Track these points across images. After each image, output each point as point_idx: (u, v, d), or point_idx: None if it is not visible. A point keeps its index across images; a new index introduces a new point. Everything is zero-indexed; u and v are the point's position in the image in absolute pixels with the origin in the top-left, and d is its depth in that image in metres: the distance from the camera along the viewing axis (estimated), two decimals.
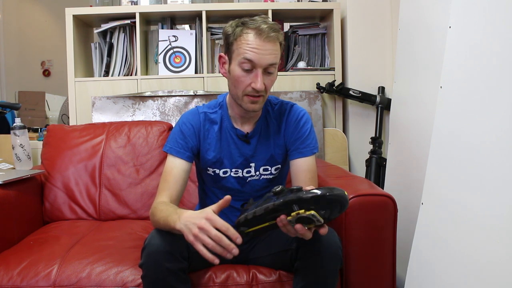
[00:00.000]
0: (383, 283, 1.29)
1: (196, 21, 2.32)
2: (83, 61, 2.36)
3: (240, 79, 1.19)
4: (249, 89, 1.19)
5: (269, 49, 1.16)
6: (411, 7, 1.71)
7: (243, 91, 1.20)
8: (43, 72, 5.41)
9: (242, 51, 1.17)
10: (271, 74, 1.20)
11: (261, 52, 1.15)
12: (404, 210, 1.48)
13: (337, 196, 0.93)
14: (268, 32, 1.15)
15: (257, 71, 1.17)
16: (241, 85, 1.19)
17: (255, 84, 1.17)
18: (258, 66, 1.16)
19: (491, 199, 1.15)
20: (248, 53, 1.16)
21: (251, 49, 1.15)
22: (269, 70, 1.18)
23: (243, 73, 1.18)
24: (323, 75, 2.29)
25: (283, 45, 1.22)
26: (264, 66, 1.17)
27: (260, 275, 1.25)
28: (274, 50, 1.17)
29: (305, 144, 1.29)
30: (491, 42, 1.19)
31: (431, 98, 1.40)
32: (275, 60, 1.18)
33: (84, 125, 1.94)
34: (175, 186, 1.22)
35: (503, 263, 1.10)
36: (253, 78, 1.18)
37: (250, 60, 1.16)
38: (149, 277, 1.08)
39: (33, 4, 5.37)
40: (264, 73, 1.18)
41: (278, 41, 1.18)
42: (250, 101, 1.20)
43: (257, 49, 1.15)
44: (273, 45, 1.17)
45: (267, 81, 1.19)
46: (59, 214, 1.73)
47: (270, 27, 1.16)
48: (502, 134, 1.13)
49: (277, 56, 1.19)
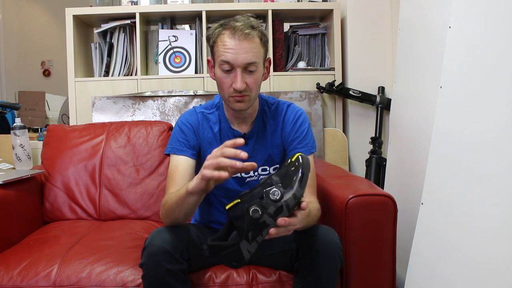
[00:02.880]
0: (383, 283, 1.29)
1: (196, 21, 2.32)
2: (83, 61, 2.36)
3: (222, 81, 1.19)
4: (231, 90, 1.18)
5: (245, 47, 1.14)
6: (411, 7, 1.71)
7: (227, 92, 1.20)
8: (43, 72, 5.41)
9: (220, 53, 1.17)
10: (252, 72, 1.18)
11: (236, 52, 1.14)
12: (404, 210, 1.48)
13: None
14: (243, 29, 1.14)
15: (236, 71, 1.16)
16: (224, 87, 1.19)
17: (235, 84, 1.16)
18: (236, 66, 1.15)
19: (491, 199, 1.15)
20: (224, 55, 1.15)
21: (226, 50, 1.15)
22: (249, 68, 1.17)
23: (224, 74, 1.18)
24: (323, 75, 2.29)
25: (265, 40, 1.20)
26: (243, 66, 1.16)
27: (260, 275, 1.25)
28: (251, 48, 1.15)
29: (303, 144, 1.29)
30: (491, 42, 1.19)
31: (431, 98, 1.40)
32: (254, 59, 1.16)
33: (84, 125, 1.94)
34: (182, 181, 1.20)
35: (503, 263, 1.10)
36: (233, 79, 1.17)
37: (227, 61, 1.15)
38: (149, 277, 1.09)
39: (33, 4, 5.37)
40: (244, 72, 1.17)
41: (256, 38, 1.16)
42: (235, 100, 1.20)
43: (233, 49, 1.14)
44: (249, 43, 1.15)
45: (249, 80, 1.18)
46: (59, 214, 1.73)
47: (245, 24, 1.15)
48: (502, 134, 1.13)
49: (257, 54, 1.17)
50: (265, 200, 0.95)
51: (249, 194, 0.97)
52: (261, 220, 0.95)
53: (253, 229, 0.96)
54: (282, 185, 0.96)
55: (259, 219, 0.95)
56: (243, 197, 0.97)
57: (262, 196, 0.95)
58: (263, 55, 1.21)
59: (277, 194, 0.95)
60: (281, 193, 0.95)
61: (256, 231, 0.96)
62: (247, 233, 0.95)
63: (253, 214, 0.94)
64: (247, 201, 0.96)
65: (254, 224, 0.95)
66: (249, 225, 0.95)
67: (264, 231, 0.96)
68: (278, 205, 0.95)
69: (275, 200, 0.94)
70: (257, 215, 0.94)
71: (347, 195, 1.26)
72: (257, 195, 0.96)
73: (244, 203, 0.96)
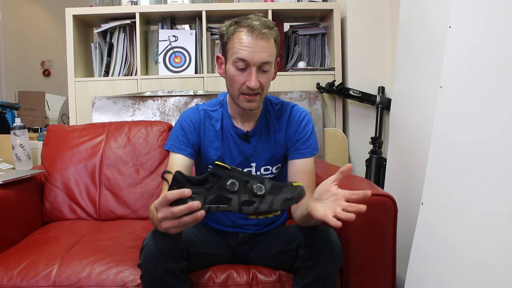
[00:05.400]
0: (383, 283, 1.29)
1: (196, 21, 2.32)
2: (83, 61, 2.36)
3: (235, 78, 1.19)
4: (244, 88, 1.19)
5: (262, 46, 1.15)
6: (411, 7, 1.71)
7: (239, 90, 1.20)
8: (43, 72, 5.41)
9: (236, 50, 1.17)
10: (266, 72, 1.19)
11: (253, 50, 1.15)
12: (404, 210, 1.48)
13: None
14: (260, 29, 1.14)
15: (251, 70, 1.16)
16: (236, 84, 1.19)
17: (249, 82, 1.17)
18: (252, 64, 1.16)
19: (491, 199, 1.15)
20: (240, 52, 1.15)
21: (243, 48, 1.15)
22: (263, 68, 1.18)
23: (238, 72, 1.18)
24: (323, 75, 2.29)
25: (278, 42, 1.21)
26: (258, 64, 1.16)
27: (260, 275, 1.25)
28: (268, 47, 1.16)
29: (306, 145, 1.29)
30: (491, 42, 1.19)
31: (431, 98, 1.40)
32: (269, 58, 1.17)
33: (84, 125, 1.94)
34: None
35: (503, 263, 1.10)
36: (247, 77, 1.17)
37: (243, 59, 1.16)
38: (148, 277, 1.08)
39: (33, 4, 5.37)
40: (258, 71, 1.18)
41: (272, 38, 1.17)
42: (246, 100, 1.20)
43: (250, 47, 1.15)
44: (266, 43, 1.16)
45: (263, 79, 1.19)
46: (59, 214, 1.73)
47: (262, 24, 1.15)
48: (502, 133, 1.13)
49: (272, 54, 1.18)
50: (247, 186, 0.97)
51: (240, 172, 0.99)
52: (228, 195, 0.96)
53: (216, 195, 0.96)
54: (270, 191, 0.98)
55: (227, 192, 0.96)
56: (234, 169, 0.99)
57: (247, 181, 0.97)
58: (275, 55, 1.21)
59: (260, 191, 0.97)
60: (263, 194, 0.97)
61: (217, 198, 0.96)
62: (209, 194, 0.96)
63: (230, 185, 0.96)
64: (234, 174, 0.98)
65: (220, 192, 0.96)
66: (217, 189, 0.96)
67: (221, 205, 0.97)
68: (251, 200, 0.97)
69: (254, 194, 0.97)
70: (232, 188, 0.96)
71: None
72: (245, 177, 0.98)
73: (230, 173, 0.97)
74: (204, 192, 0.96)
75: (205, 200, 0.95)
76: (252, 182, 0.98)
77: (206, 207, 0.95)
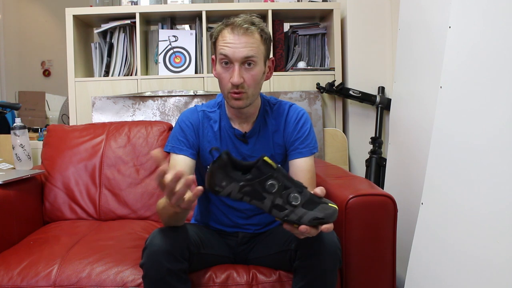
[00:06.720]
0: (383, 283, 1.29)
1: (196, 21, 2.32)
2: (83, 61, 2.36)
3: (221, 76, 1.21)
4: (229, 86, 1.19)
5: (243, 42, 1.16)
6: (411, 7, 1.71)
7: (226, 88, 1.21)
8: (43, 72, 5.42)
9: (219, 48, 1.19)
10: (250, 68, 1.19)
11: (235, 46, 1.16)
12: (404, 210, 1.48)
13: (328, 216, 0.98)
14: (242, 25, 1.16)
15: (234, 66, 1.18)
16: (224, 82, 1.21)
17: (232, 78, 1.18)
18: (234, 60, 1.17)
19: (491, 199, 1.15)
20: (224, 49, 1.18)
21: (226, 45, 1.17)
22: (247, 63, 1.18)
23: (223, 70, 1.20)
24: (323, 75, 2.29)
25: (267, 38, 1.22)
26: (240, 60, 1.17)
27: (260, 275, 1.25)
28: (251, 43, 1.17)
29: (305, 144, 1.29)
30: (491, 42, 1.19)
31: (431, 98, 1.40)
32: (252, 53, 1.17)
33: (84, 125, 1.94)
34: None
35: (503, 263, 1.10)
36: (231, 73, 1.18)
37: (226, 55, 1.17)
38: (150, 277, 1.09)
39: (33, 4, 5.37)
40: (242, 67, 1.18)
41: (256, 34, 1.18)
42: (234, 98, 1.21)
43: (231, 43, 1.17)
44: (249, 38, 1.17)
45: (247, 75, 1.19)
46: (59, 214, 1.73)
47: (245, 20, 1.17)
48: (501, 134, 1.13)
49: (255, 49, 1.18)
50: (284, 192, 0.97)
51: (284, 175, 0.99)
52: (264, 193, 0.96)
53: (253, 189, 0.97)
54: (304, 204, 0.97)
55: (264, 191, 0.96)
56: (279, 170, 0.98)
57: (287, 187, 0.97)
58: (263, 52, 1.21)
59: (295, 201, 0.97)
60: (296, 205, 0.97)
61: (253, 192, 0.97)
62: (247, 185, 0.96)
63: (269, 186, 0.96)
64: (278, 175, 0.97)
65: (258, 187, 0.96)
66: (256, 184, 0.96)
67: (254, 200, 0.97)
68: (284, 206, 0.97)
69: (289, 202, 0.97)
70: (270, 189, 0.96)
71: (347, 195, 1.26)
72: (286, 182, 0.98)
73: (274, 173, 0.97)
74: (243, 182, 0.96)
75: (241, 189, 0.96)
76: (292, 189, 0.97)
77: (239, 195, 0.96)
